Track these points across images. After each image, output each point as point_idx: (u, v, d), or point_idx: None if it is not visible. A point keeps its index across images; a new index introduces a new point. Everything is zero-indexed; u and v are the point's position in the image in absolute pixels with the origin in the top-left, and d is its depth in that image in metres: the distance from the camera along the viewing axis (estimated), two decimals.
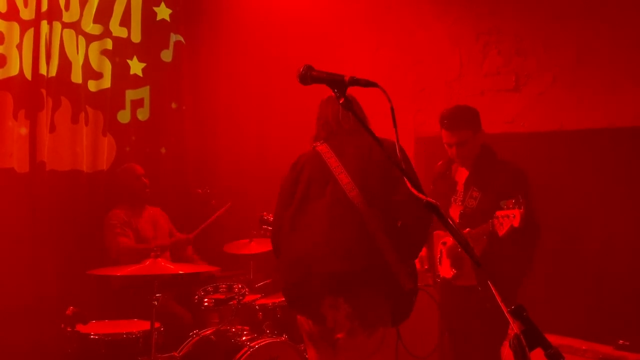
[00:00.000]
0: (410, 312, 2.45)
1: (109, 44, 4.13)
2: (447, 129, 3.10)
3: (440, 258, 3.28)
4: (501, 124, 4.31)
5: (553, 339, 3.25)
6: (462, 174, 3.24)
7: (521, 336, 1.23)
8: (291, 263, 2.49)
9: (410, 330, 4.03)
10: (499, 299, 1.34)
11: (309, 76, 1.87)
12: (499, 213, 2.83)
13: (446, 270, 3.18)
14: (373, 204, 2.38)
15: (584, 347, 3.44)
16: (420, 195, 1.52)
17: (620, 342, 3.34)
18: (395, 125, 1.62)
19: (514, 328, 1.26)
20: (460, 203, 3.17)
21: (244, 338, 3.20)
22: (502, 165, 3.10)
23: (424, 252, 3.34)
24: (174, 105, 4.56)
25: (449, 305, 3.28)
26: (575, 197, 3.88)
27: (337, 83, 1.73)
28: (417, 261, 3.31)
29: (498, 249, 2.96)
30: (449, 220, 1.41)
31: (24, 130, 3.67)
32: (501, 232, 2.83)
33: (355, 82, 1.70)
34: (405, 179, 1.52)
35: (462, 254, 3.10)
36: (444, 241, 3.28)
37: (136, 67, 4.33)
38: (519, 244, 2.94)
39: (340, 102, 1.69)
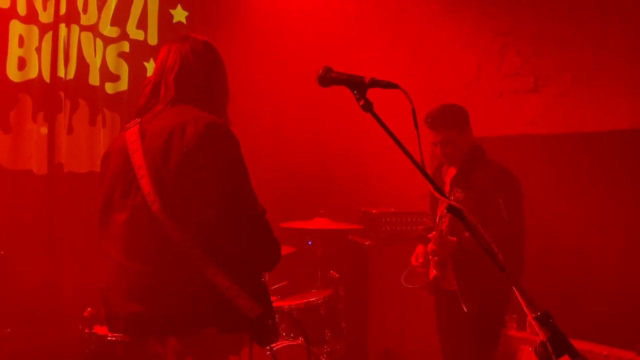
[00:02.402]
0: (276, 331, 1.94)
1: (126, 46, 4.15)
2: (430, 128, 3.09)
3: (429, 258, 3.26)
4: (520, 125, 4.27)
5: (573, 343, 3.18)
6: (450, 174, 3.21)
7: (547, 343, 1.20)
8: (99, 293, 1.98)
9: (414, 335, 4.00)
10: (523, 304, 1.31)
11: (328, 78, 1.84)
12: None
13: (431, 270, 3.17)
14: (182, 220, 1.77)
15: (605, 353, 3.39)
16: (441, 197, 1.50)
17: None
18: (416, 127, 1.59)
19: (540, 335, 1.23)
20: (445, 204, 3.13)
21: None
22: (488, 166, 3.06)
23: (420, 248, 3.29)
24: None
25: (439, 308, 3.29)
26: (596, 199, 3.82)
27: (357, 84, 1.70)
28: (413, 257, 3.29)
29: (465, 256, 2.94)
30: (473, 223, 1.39)
31: (42, 132, 3.70)
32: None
33: (376, 83, 1.68)
34: (429, 183, 1.47)
35: (445, 258, 3.08)
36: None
37: (153, 69, 4.34)
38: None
39: (361, 104, 1.67)
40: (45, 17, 3.71)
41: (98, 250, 1.98)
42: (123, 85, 4.14)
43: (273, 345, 3.01)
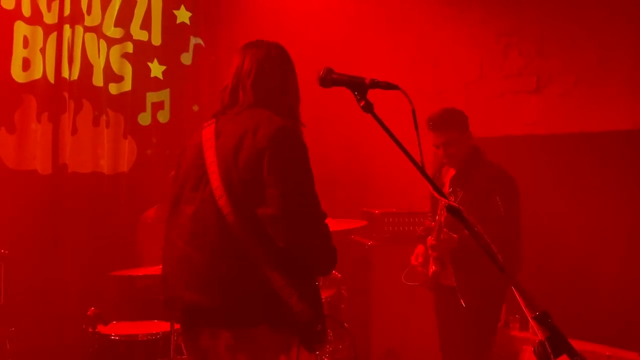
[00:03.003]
0: (325, 338, 1.96)
1: (129, 47, 4.17)
2: (432, 130, 3.16)
3: (428, 257, 3.30)
4: (521, 125, 4.26)
5: (576, 344, 3.18)
6: (449, 175, 3.28)
7: (546, 343, 1.20)
8: (161, 279, 2.05)
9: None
10: (522, 304, 1.31)
11: (329, 79, 1.86)
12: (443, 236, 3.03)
13: (430, 267, 3.21)
14: (245, 216, 1.85)
15: (607, 353, 3.38)
16: (441, 198, 1.51)
17: None
18: (416, 128, 1.60)
19: (538, 335, 1.24)
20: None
21: None
22: (487, 167, 3.15)
23: (420, 248, 3.33)
24: (195, 108, 4.58)
25: (440, 304, 3.33)
26: (599, 199, 3.82)
27: (358, 85, 1.72)
28: (412, 256, 3.34)
29: (465, 258, 3.00)
30: (473, 224, 1.39)
31: (46, 133, 3.72)
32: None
33: (376, 84, 1.69)
34: (429, 184, 1.48)
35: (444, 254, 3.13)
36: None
37: (157, 70, 4.37)
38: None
39: (361, 105, 1.68)
40: (50, 18, 3.73)
41: (164, 238, 2.06)
42: (127, 85, 4.16)
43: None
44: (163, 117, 4.42)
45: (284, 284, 1.83)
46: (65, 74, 3.75)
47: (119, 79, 4.13)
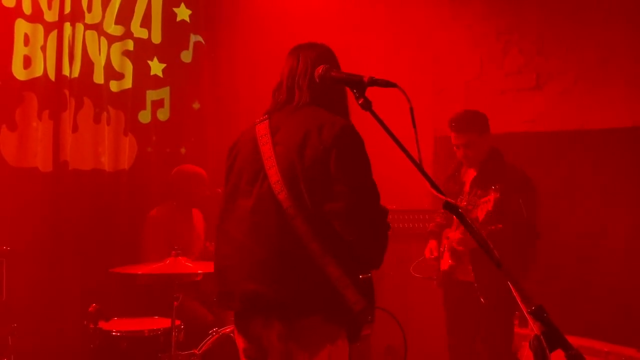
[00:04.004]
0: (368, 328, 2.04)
1: (130, 44, 4.18)
2: (454, 131, 3.27)
3: (442, 252, 3.34)
4: (522, 123, 4.28)
5: (575, 340, 3.20)
6: (469, 175, 3.34)
7: (541, 337, 1.22)
8: (215, 272, 2.11)
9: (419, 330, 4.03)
10: (518, 299, 1.33)
11: (328, 77, 1.88)
12: (480, 200, 3.02)
13: (445, 262, 3.25)
14: (306, 210, 1.89)
15: (606, 349, 3.40)
16: (440, 195, 1.52)
17: None
18: (414, 126, 1.62)
19: (534, 329, 1.25)
20: (464, 203, 3.24)
21: None
22: (507, 168, 3.24)
23: (433, 243, 3.37)
24: (196, 106, 4.59)
25: (451, 300, 3.34)
26: (598, 197, 3.84)
27: (356, 83, 1.73)
28: (426, 250, 3.38)
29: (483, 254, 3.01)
30: (468, 220, 1.41)
31: (47, 130, 3.73)
32: (480, 216, 3.01)
33: (375, 82, 1.70)
34: (427, 181, 1.50)
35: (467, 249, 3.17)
36: (447, 235, 3.33)
37: (157, 67, 4.38)
38: (509, 247, 2.91)
39: (360, 102, 1.69)
40: (50, 15, 3.74)
41: (219, 231, 2.11)
42: (127, 83, 4.17)
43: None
44: (163, 115, 4.43)
45: (340, 274, 1.87)
46: (66, 71, 3.76)
47: (120, 76, 4.14)
